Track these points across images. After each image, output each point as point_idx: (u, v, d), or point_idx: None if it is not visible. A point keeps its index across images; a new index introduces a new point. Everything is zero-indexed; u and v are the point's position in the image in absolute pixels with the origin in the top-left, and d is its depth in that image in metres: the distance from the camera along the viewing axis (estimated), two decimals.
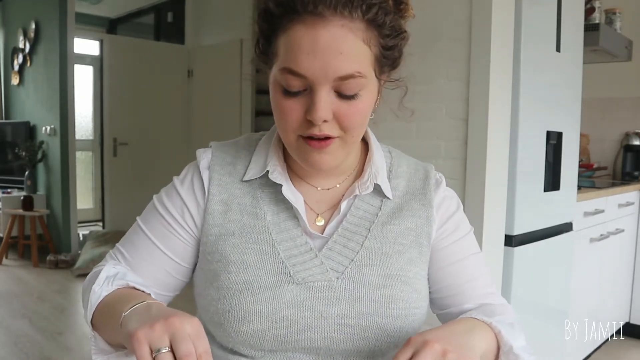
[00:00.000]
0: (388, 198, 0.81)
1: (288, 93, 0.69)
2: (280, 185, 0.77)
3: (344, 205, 0.79)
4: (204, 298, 0.77)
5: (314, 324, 0.73)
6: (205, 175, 0.80)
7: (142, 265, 0.80)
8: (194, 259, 0.82)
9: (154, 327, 0.57)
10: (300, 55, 0.66)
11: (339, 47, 0.66)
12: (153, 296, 0.79)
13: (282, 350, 0.74)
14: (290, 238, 0.77)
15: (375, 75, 0.72)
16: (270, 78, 0.72)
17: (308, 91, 0.68)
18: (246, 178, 0.80)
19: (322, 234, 0.78)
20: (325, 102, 0.67)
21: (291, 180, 0.81)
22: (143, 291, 0.74)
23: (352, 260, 0.76)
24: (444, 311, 0.85)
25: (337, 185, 0.82)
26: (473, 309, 0.82)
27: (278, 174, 0.78)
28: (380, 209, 0.81)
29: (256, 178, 0.80)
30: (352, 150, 0.77)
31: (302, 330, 0.72)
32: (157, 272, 0.81)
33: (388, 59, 0.73)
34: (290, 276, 0.74)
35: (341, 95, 0.68)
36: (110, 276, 0.75)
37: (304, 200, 0.80)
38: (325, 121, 0.68)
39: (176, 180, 0.83)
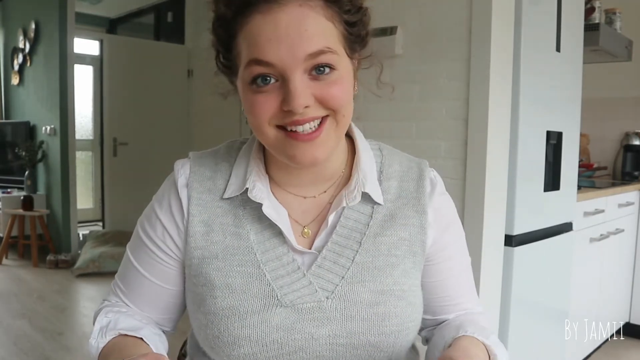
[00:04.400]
0: (379, 204, 0.77)
1: (257, 87, 0.65)
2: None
3: (331, 218, 0.75)
4: (194, 321, 0.77)
5: (305, 346, 0.71)
6: (183, 194, 0.77)
7: (138, 297, 0.81)
8: (184, 281, 0.80)
9: None
10: (263, 43, 0.63)
11: (301, 25, 0.63)
12: (157, 322, 0.82)
13: None
14: (277, 257, 0.73)
15: (347, 54, 0.69)
16: (239, 85, 0.69)
17: (280, 82, 0.65)
18: (226, 196, 0.76)
19: (310, 248, 0.75)
20: (302, 87, 0.64)
21: (274, 192, 0.77)
22: (135, 336, 0.74)
23: (343, 277, 0.73)
24: (429, 318, 0.85)
25: (325, 192, 0.78)
26: (461, 316, 0.83)
27: (258, 191, 0.74)
28: (372, 217, 0.76)
29: (237, 195, 0.76)
30: (343, 134, 0.73)
31: (293, 352, 0.71)
32: (154, 301, 0.81)
33: (355, 35, 0.70)
34: (277, 299, 0.71)
35: (315, 76, 0.65)
36: (103, 327, 0.75)
37: (289, 213, 0.76)
38: (307, 107, 0.65)
39: (155, 201, 0.80)
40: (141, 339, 0.73)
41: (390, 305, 0.73)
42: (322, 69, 0.65)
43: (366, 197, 0.76)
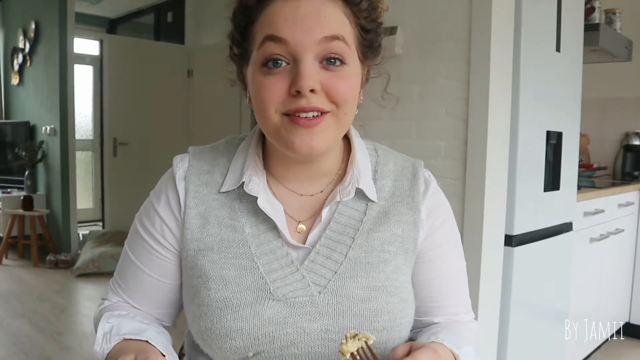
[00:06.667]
0: (373, 201, 0.78)
1: (268, 69, 0.67)
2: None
3: (325, 212, 0.75)
4: (189, 313, 0.77)
5: (297, 340, 0.71)
6: (181, 187, 0.77)
7: (137, 292, 0.81)
8: (182, 274, 0.80)
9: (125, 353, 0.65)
10: (280, 22, 0.66)
11: (321, 12, 0.66)
12: (156, 317, 0.83)
13: None
14: (271, 250, 0.74)
15: (360, 58, 0.72)
16: (249, 73, 0.71)
17: (291, 65, 0.66)
18: (223, 189, 0.77)
19: (304, 243, 0.75)
20: (311, 69, 0.65)
21: (271, 186, 0.77)
22: (140, 339, 0.73)
23: (335, 272, 0.73)
24: (415, 319, 0.83)
25: (321, 192, 0.78)
26: (443, 323, 0.83)
27: (254, 185, 0.74)
28: (365, 213, 0.77)
29: (234, 188, 0.76)
30: (342, 133, 0.73)
31: (285, 346, 0.71)
32: (152, 296, 0.81)
33: (368, 42, 0.72)
34: (270, 292, 0.71)
35: (326, 66, 0.67)
36: (106, 333, 0.74)
37: (285, 209, 0.76)
38: (312, 91, 0.65)
39: (153, 196, 0.81)
40: (146, 341, 0.73)
41: (382, 301, 0.73)
42: (333, 60, 0.67)
43: (360, 195, 0.77)
